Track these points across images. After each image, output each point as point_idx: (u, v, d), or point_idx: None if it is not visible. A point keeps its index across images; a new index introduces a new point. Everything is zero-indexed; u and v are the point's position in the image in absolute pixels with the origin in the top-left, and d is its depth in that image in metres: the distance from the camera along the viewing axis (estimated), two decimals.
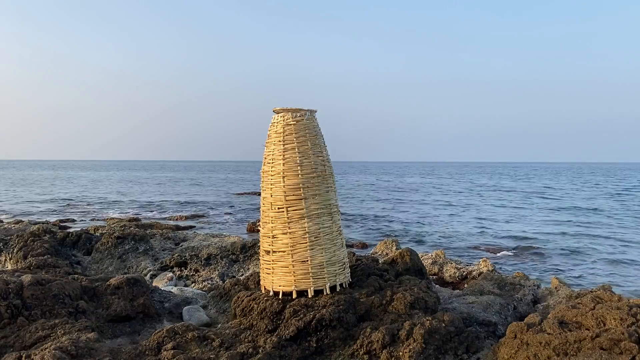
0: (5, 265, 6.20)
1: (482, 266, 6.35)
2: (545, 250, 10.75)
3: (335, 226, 3.84)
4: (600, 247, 11.28)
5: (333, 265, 3.75)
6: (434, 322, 3.26)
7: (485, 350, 3.27)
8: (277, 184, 3.70)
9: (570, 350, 2.82)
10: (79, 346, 2.97)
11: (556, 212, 19.15)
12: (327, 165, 3.83)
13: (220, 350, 3.09)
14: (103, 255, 6.50)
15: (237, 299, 3.83)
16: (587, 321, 3.10)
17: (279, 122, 3.75)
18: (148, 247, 6.85)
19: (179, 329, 3.27)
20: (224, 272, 6.13)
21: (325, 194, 3.76)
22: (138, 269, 6.24)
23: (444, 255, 7.00)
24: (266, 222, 3.83)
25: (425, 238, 12.58)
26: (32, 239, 6.39)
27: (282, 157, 3.68)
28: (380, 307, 3.62)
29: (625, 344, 2.70)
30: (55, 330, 3.29)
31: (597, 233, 13.50)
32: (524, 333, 3.06)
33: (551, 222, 15.85)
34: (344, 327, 3.36)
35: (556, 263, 9.43)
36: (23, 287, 3.68)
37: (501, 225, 15.10)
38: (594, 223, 15.77)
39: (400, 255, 4.55)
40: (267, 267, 3.84)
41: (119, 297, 3.90)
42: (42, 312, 3.56)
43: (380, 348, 3.15)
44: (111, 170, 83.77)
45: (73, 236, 7.01)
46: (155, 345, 3.11)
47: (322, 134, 3.90)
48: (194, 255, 6.43)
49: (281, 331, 3.31)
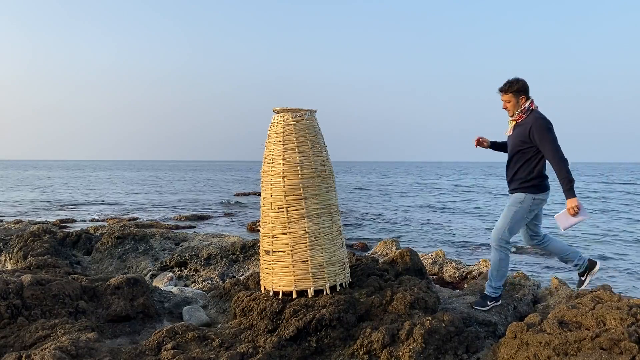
0: (5, 265, 6.20)
1: (482, 266, 6.35)
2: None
3: (335, 226, 3.84)
4: (600, 246, 11.28)
5: (333, 265, 3.75)
6: (434, 322, 3.26)
7: (485, 350, 3.27)
8: (277, 184, 3.70)
9: (570, 350, 2.82)
10: (79, 346, 2.97)
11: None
12: (327, 165, 3.83)
13: (220, 350, 3.09)
14: (103, 255, 6.50)
15: (237, 299, 3.83)
16: (587, 321, 3.10)
17: (279, 122, 3.75)
18: (148, 247, 6.85)
19: (179, 329, 3.27)
20: (224, 272, 6.13)
21: (325, 194, 3.77)
22: (138, 269, 6.24)
23: (444, 255, 7.01)
24: (266, 222, 3.83)
25: (425, 238, 12.58)
26: (32, 239, 6.40)
27: (282, 157, 3.69)
28: (380, 307, 3.62)
29: (625, 344, 2.70)
30: (55, 330, 3.29)
31: (597, 232, 13.50)
32: (524, 333, 3.06)
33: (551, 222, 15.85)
34: (344, 327, 3.36)
35: (556, 263, 9.43)
36: (23, 287, 3.68)
37: None
38: (592, 221, 15.77)
39: (400, 255, 4.55)
40: (267, 267, 3.84)
41: (119, 297, 3.90)
42: (42, 312, 3.56)
43: (380, 348, 3.15)
44: (111, 170, 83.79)
45: (73, 236, 7.01)
46: (155, 345, 3.11)
47: (322, 134, 3.90)
48: (194, 255, 6.43)
49: (281, 331, 3.31)
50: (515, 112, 3.83)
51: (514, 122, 3.88)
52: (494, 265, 3.93)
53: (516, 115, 3.84)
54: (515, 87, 3.79)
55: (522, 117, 3.82)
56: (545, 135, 3.65)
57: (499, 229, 3.87)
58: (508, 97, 3.82)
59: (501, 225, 3.87)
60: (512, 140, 3.89)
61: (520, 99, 3.81)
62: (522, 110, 3.81)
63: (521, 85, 3.78)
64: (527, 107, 3.80)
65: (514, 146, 3.87)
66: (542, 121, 3.70)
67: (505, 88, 3.81)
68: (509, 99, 3.82)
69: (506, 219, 3.85)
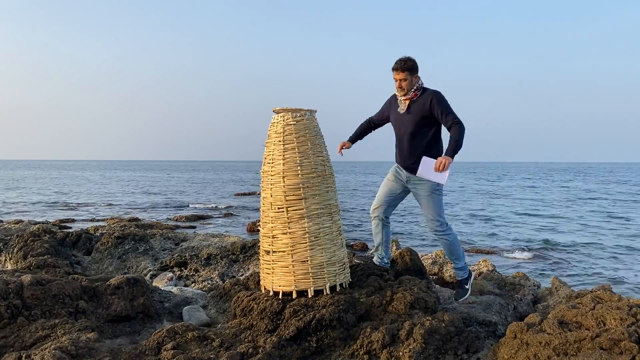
0: (5, 265, 6.20)
1: (482, 266, 6.35)
2: (546, 250, 10.75)
3: (335, 226, 3.84)
4: (600, 246, 11.28)
5: (333, 265, 3.75)
6: (434, 322, 3.26)
7: (485, 350, 3.27)
8: (277, 184, 3.70)
9: (570, 350, 2.82)
10: (79, 346, 2.98)
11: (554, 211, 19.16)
12: (327, 165, 3.83)
13: (220, 350, 3.09)
14: (103, 255, 6.50)
15: (237, 299, 3.83)
16: (587, 321, 3.10)
17: (278, 122, 3.75)
18: (148, 247, 6.85)
19: (179, 329, 3.27)
20: (224, 272, 6.13)
21: (325, 194, 3.76)
22: (138, 269, 6.24)
23: (444, 255, 7.00)
24: (266, 222, 3.83)
25: (425, 238, 12.58)
26: (32, 239, 6.39)
27: (282, 157, 3.68)
28: (380, 307, 3.62)
29: (625, 344, 2.70)
30: (55, 330, 3.29)
31: (596, 232, 13.50)
32: (524, 333, 3.06)
33: (551, 222, 15.85)
34: (344, 327, 3.36)
35: (556, 263, 9.43)
36: (23, 287, 3.68)
37: (502, 226, 15.10)
38: (590, 220, 15.77)
39: (400, 255, 4.55)
40: (267, 267, 3.84)
41: (119, 297, 3.90)
42: (42, 312, 3.56)
43: (380, 348, 3.15)
44: (111, 170, 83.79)
45: (73, 236, 7.00)
46: (155, 345, 3.11)
47: (322, 134, 3.90)
48: (194, 255, 6.43)
49: (281, 331, 3.31)
50: (410, 90, 3.86)
51: (408, 100, 3.90)
52: (451, 249, 4.01)
53: (411, 93, 3.86)
54: (409, 65, 3.83)
55: (417, 94, 3.87)
56: (446, 104, 3.80)
57: (433, 219, 3.93)
58: (404, 75, 3.83)
59: (432, 215, 3.93)
60: (411, 119, 3.90)
61: (414, 77, 3.86)
62: (417, 87, 3.86)
63: (414, 63, 3.84)
64: (420, 85, 3.87)
65: (414, 125, 3.88)
66: (440, 93, 3.83)
67: (401, 66, 3.83)
68: (404, 77, 3.84)
69: (434, 208, 3.92)
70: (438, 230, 3.94)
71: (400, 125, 3.98)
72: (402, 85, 3.86)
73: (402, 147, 4.00)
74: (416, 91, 3.86)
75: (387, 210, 4.17)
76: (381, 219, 4.16)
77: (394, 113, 4.02)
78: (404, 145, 3.97)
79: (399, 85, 3.87)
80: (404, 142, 3.96)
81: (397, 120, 4.01)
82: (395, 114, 4.01)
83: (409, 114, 3.89)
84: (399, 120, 3.99)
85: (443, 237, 3.96)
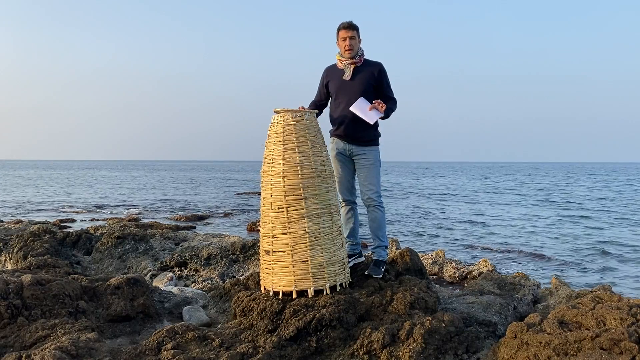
0: (5, 265, 6.20)
1: (482, 266, 6.36)
2: (546, 250, 10.76)
3: (335, 226, 3.84)
4: (600, 245, 11.28)
5: (333, 265, 3.75)
6: (434, 322, 3.26)
7: (485, 350, 3.27)
8: (277, 184, 3.70)
9: (570, 350, 2.82)
10: (79, 346, 2.98)
11: (547, 210, 19.16)
12: (327, 165, 3.83)
13: (220, 350, 3.10)
14: (103, 255, 6.51)
15: (237, 299, 3.83)
16: (587, 321, 3.10)
17: (279, 122, 3.75)
18: (148, 247, 6.86)
19: (179, 329, 3.27)
20: (224, 272, 6.13)
21: (325, 194, 3.77)
22: (138, 269, 6.24)
23: (444, 255, 7.01)
24: (266, 222, 3.84)
25: (425, 238, 12.59)
26: (32, 238, 6.40)
27: (282, 157, 3.69)
28: (380, 307, 3.62)
29: (625, 344, 2.70)
30: (55, 330, 3.29)
31: (596, 231, 13.50)
32: (524, 333, 3.06)
33: (551, 222, 15.85)
34: (344, 327, 3.36)
35: (556, 263, 9.43)
36: (23, 287, 3.68)
37: (502, 226, 15.11)
38: (590, 220, 15.77)
39: (400, 255, 4.55)
40: (267, 267, 3.84)
41: (119, 297, 3.90)
42: (42, 312, 3.56)
43: (380, 348, 3.15)
44: (111, 170, 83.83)
45: (73, 236, 7.01)
46: (155, 345, 3.11)
47: (322, 134, 3.90)
48: (194, 255, 6.43)
49: (281, 331, 3.32)
50: (357, 53, 3.82)
51: (354, 65, 3.84)
52: (381, 223, 4.05)
53: (357, 57, 3.82)
54: (357, 25, 3.82)
55: (362, 60, 3.84)
56: (387, 76, 3.87)
57: (375, 191, 3.95)
58: (353, 33, 3.79)
59: (374, 185, 3.94)
60: (358, 86, 3.82)
61: (359, 39, 3.83)
62: (362, 53, 3.85)
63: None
64: (363, 53, 3.86)
65: (360, 92, 3.81)
66: (383, 65, 3.86)
67: (351, 24, 3.79)
68: (354, 34, 3.79)
69: (375, 177, 3.94)
70: (375, 201, 3.94)
71: (344, 93, 3.86)
72: (351, 44, 3.77)
73: (344, 115, 3.88)
74: (361, 57, 3.82)
75: (351, 194, 4.18)
76: (349, 204, 4.20)
77: (336, 82, 3.90)
78: (347, 113, 3.86)
79: (349, 44, 3.77)
80: (348, 110, 3.85)
81: (340, 89, 3.89)
82: (338, 82, 3.89)
83: (354, 81, 3.83)
84: (342, 88, 3.88)
85: (378, 209, 3.97)
